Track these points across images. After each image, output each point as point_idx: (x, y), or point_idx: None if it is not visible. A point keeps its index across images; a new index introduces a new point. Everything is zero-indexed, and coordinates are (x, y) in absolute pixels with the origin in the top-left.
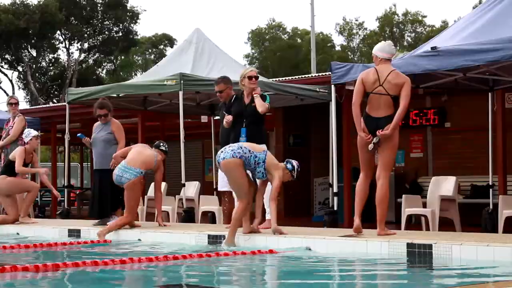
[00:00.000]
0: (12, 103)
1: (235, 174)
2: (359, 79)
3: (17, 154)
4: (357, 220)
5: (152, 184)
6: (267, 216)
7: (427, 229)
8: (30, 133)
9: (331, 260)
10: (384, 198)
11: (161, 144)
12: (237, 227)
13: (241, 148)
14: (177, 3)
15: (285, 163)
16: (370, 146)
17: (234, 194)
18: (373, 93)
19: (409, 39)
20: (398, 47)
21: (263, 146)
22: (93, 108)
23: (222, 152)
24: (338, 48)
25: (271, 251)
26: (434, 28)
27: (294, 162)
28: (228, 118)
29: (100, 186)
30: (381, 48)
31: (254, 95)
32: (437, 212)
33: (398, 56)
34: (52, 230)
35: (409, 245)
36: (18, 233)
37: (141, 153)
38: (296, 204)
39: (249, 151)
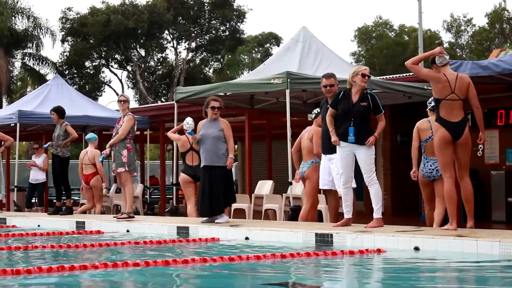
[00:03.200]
0: (121, 101)
1: None
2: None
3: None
4: (455, 224)
5: (259, 183)
6: (375, 215)
7: None
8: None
9: (439, 260)
10: (471, 195)
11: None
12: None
13: None
14: (284, 2)
15: None
16: (480, 153)
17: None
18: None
19: None
20: (508, 44)
21: None
22: (201, 107)
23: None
24: (446, 45)
25: (379, 251)
26: None
27: None
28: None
29: (210, 183)
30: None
31: None
32: None
33: (508, 53)
34: (161, 227)
35: None
36: (128, 230)
37: (303, 147)
38: (403, 203)
39: None
